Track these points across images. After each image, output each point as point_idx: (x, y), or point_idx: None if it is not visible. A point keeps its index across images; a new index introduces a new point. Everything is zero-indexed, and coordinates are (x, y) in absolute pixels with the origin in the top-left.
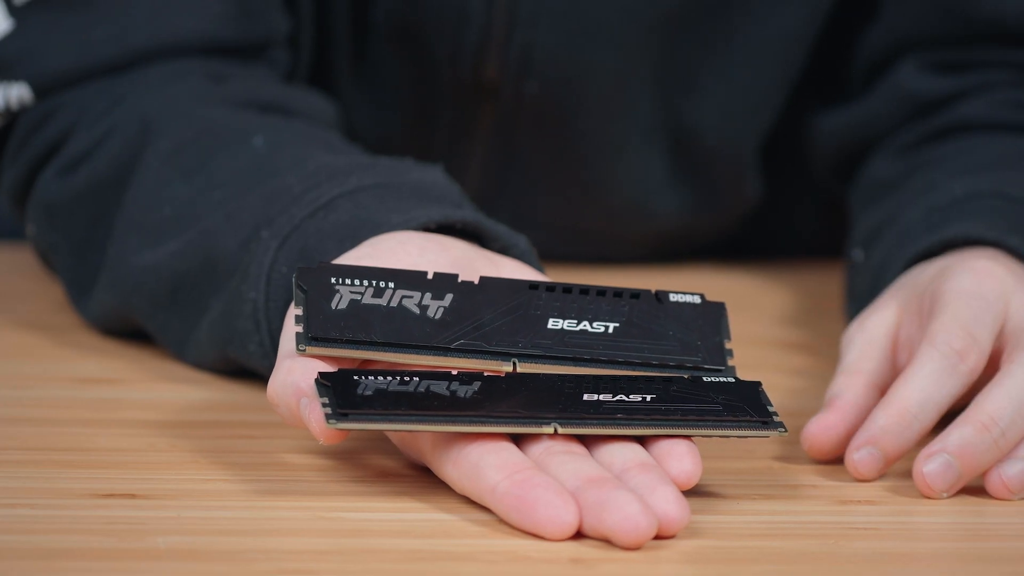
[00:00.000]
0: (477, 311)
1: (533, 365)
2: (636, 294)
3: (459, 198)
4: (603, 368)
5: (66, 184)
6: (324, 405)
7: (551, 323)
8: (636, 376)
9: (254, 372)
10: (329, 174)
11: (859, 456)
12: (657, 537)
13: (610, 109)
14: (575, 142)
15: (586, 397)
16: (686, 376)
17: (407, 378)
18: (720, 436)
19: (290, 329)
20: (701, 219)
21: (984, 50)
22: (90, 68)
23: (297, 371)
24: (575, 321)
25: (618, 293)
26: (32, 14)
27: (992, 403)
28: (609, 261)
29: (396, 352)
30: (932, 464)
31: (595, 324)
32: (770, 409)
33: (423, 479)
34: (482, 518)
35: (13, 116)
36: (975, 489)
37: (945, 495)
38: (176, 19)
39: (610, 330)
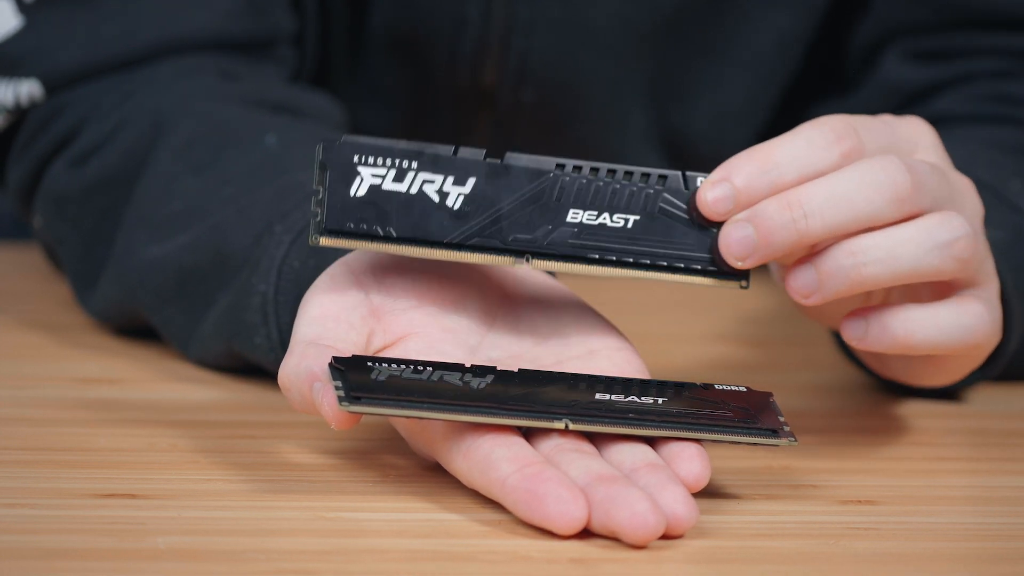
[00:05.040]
0: (497, 198)
1: (547, 262)
2: (664, 176)
3: None
4: (617, 268)
5: (76, 176)
6: (337, 389)
7: (571, 215)
8: (648, 379)
9: (257, 369)
10: None
11: (712, 193)
12: (664, 536)
13: (606, 115)
14: (572, 147)
15: (598, 396)
16: (698, 383)
17: (420, 367)
18: (730, 442)
19: (304, 315)
20: None
21: (964, 37)
22: (101, 64)
23: (311, 356)
24: (595, 213)
25: (646, 175)
26: (42, 11)
27: (808, 188)
28: None
29: (410, 246)
30: (733, 230)
31: (615, 217)
32: (781, 419)
33: (424, 479)
34: (483, 518)
35: (23, 113)
36: (975, 489)
37: (741, 264)
38: (186, 15)
39: (629, 224)
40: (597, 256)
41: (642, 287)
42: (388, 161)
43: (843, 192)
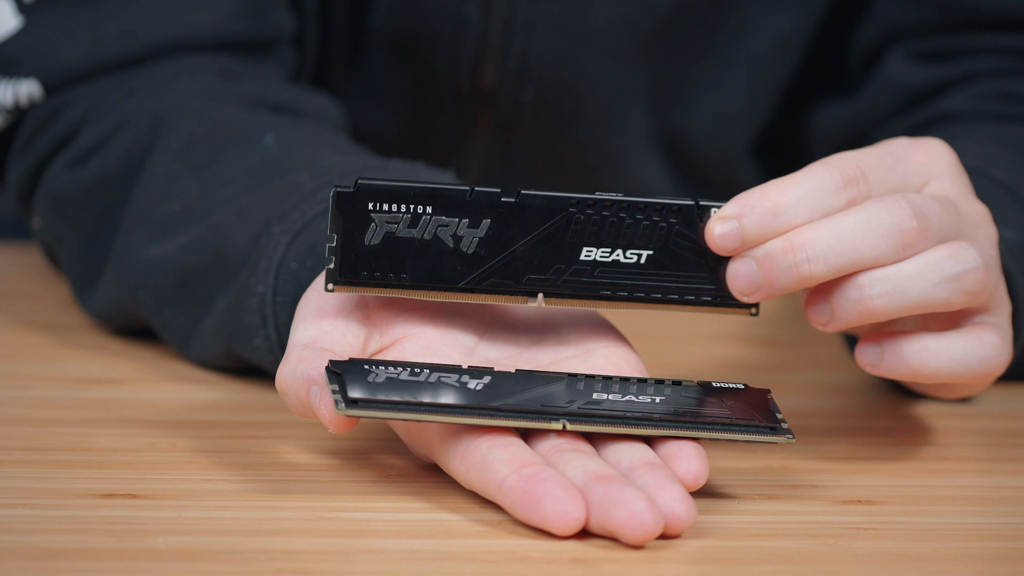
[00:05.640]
0: (512, 239)
1: (561, 300)
2: (678, 208)
3: None
4: (629, 303)
5: (75, 176)
6: (334, 392)
7: (584, 253)
8: (646, 378)
9: (256, 370)
10: (341, 173)
11: (721, 229)
12: (663, 536)
13: (606, 116)
14: (572, 148)
15: (596, 396)
16: (696, 381)
17: (417, 369)
18: (728, 440)
19: (301, 318)
20: None
21: (967, 37)
22: (101, 64)
23: (308, 360)
24: (608, 251)
25: (660, 207)
26: (42, 11)
27: (813, 231)
28: None
29: (424, 291)
30: (739, 267)
31: (628, 254)
32: (778, 416)
33: (424, 479)
34: (483, 518)
35: (22, 113)
36: (976, 489)
37: (746, 299)
38: (186, 14)
39: (643, 260)
40: (609, 293)
41: None
42: (403, 207)
43: (848, 237)
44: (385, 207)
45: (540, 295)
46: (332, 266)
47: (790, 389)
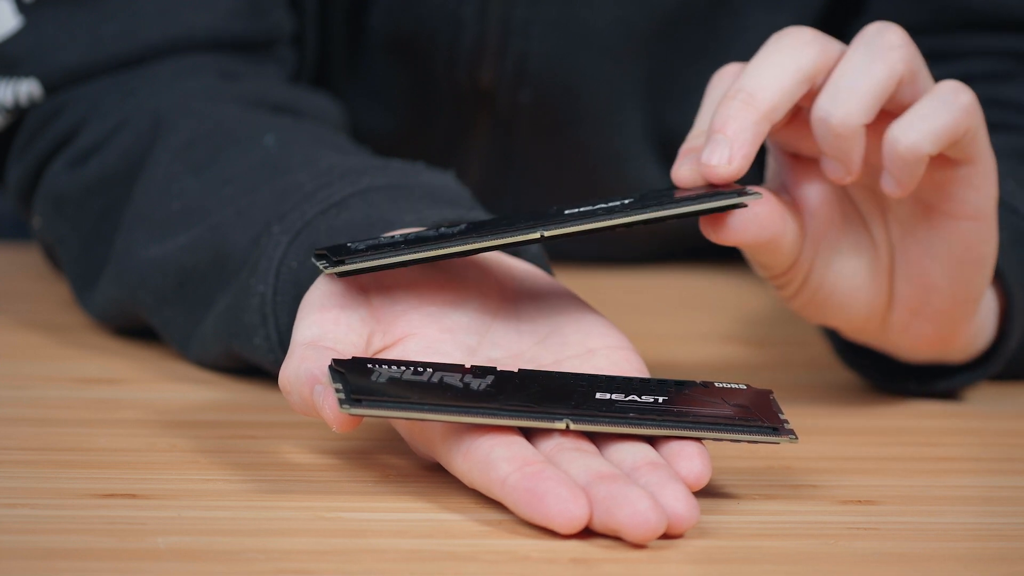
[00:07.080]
0: (495, 222)
1: (563, 228)
2: (646, 192)
3: (470, 202)
4: (632, 216)
5: (75, 176)
6: (337, 391)
7: (568, 210)
8: (648, 378)
9: (256, 370)
10: (341, 173)
11: (681, 169)
12: (665, 535)
13: (604, 117)
14: (571, 148)
15: (599, 396)
16: (698, 382)
17: (420, 368)
18: (731, 440)
19: (304, 316)
20: None
21: (961, 38)
22: (101, 63)
23: (311, 358)
24: (591, 205)
25: (622, 198)
26: (42, 11)
27: (743, 75)
28: (610, 261)
29: (424, 251)
30: (704, 150)
31: (611, 202)
32: (781, 416)
33: (424, 479)
34: (483, 518)
35: (22, 113)
36: (975, 489)
37: (728, 167)
38: (187, 14)
39: (626, 201)
40: (606, 217)
41: (642, 288)
42: (380, 238)
43: (765, 62)
44: (362, 245)
45: (541, 231)
46: (326, 264)
47: (790, 389)
